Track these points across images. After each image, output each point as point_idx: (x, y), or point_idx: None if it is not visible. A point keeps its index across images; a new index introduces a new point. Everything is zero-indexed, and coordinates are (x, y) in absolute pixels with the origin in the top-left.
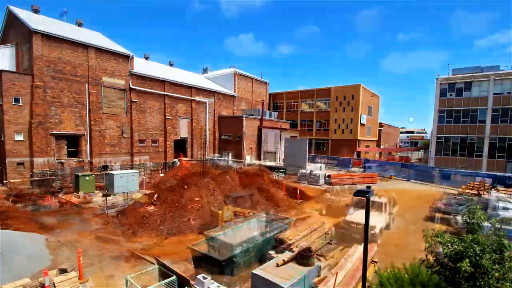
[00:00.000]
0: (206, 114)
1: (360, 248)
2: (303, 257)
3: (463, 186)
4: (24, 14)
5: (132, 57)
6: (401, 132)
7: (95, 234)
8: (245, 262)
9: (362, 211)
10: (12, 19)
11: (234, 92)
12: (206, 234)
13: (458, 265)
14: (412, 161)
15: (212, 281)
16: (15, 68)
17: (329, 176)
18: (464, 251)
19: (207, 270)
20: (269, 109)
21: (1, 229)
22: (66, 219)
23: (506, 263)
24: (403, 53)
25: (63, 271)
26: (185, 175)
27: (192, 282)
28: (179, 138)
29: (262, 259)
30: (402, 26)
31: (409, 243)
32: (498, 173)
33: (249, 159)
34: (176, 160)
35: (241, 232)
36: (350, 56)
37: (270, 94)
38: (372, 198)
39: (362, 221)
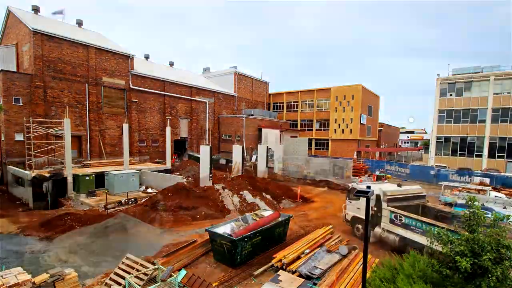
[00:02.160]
0: (206, 114)
1: None
2: None
3: (461, 188)
4: (24, 14)
5: (132, 57)
6: (401, 132)
7: None
8: (249, 252)
9: None
10: (12, 19)
11: (234, 92)
12: (209, 231)
13: (457, 264)
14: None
15: None
16: (15, 68)
17: None
18: (464, 250)
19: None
20: (269, 109)
21: None
22: None
23: (505, 263)
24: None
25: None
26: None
27: None
28: (179, 138)
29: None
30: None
31: None
32: (498, 174)
33: (248, 159)
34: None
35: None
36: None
37: (270, 94)
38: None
39: None
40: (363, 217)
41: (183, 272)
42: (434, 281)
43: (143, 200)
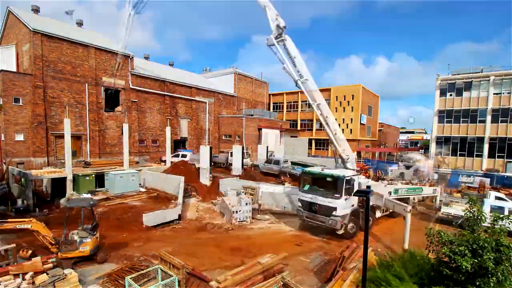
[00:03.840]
0: (206, 114)
1: None
2: None
3: (462, 186)
4: (24, 14)
5: (132, 57)
6: (401, 132)
7: None
8: None
9: None
10: (12, 19)
11: (234, 92)
12: None
13: (458, 264)
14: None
15: None
16: (15, 68)
17: None
18: (463, 250)
19: None
20: (269, 109)
21: None
22: None
23: (505, 263)
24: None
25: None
26: None
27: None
28: (179, 138)
29: None
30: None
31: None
32: (497, 173)
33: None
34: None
35: None
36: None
37: (270, 94)
38: None
39: None
40: None
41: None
42: (426, 282)
43: None
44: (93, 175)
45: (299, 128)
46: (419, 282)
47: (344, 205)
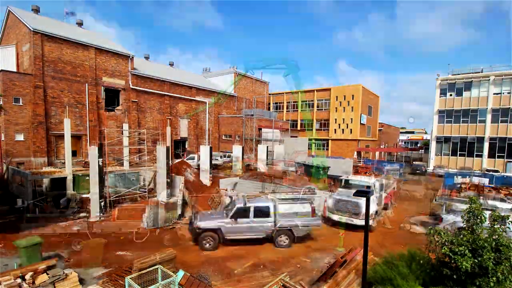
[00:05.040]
0: (206, 114)
1: None
2: None
3: (462, 186)
4: (24, 14)
5: (132, 57)
6: (401, 132)
7: None
8: None
9: None
10: (12, 19)
11: (234, 92)
12: None
13: (458, 264)
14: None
15: None
16: (15, 68)
17: None
18: (463, 250)
19: None
20: (269, 109)
21: None
22: None
23: (505, 262)
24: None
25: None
26: None
27: None
28: (179, 138)
29: None
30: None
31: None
32: (496, 174)
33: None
34: None
35: None
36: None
37: (270, 94)
38: None
39: None
40: None
41: (181, 273)
42: (428, 281)
43: None
44: None
45: (299, 128)
46: (421, 281)
47: None
